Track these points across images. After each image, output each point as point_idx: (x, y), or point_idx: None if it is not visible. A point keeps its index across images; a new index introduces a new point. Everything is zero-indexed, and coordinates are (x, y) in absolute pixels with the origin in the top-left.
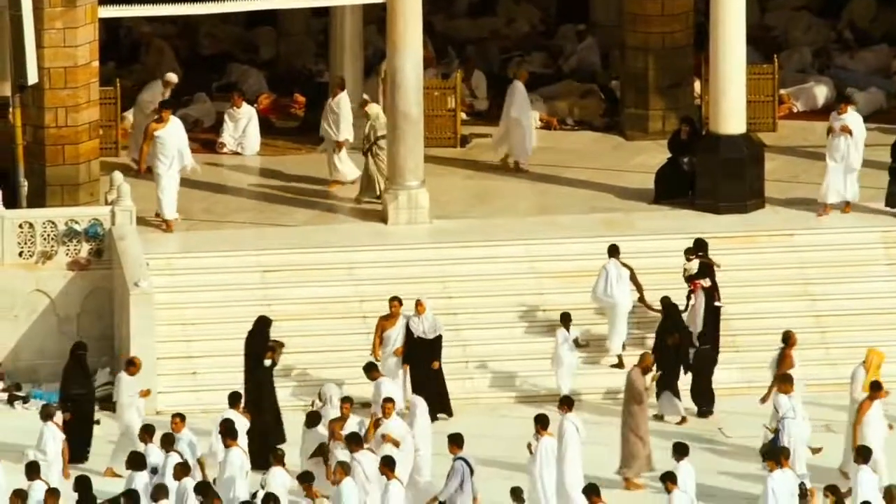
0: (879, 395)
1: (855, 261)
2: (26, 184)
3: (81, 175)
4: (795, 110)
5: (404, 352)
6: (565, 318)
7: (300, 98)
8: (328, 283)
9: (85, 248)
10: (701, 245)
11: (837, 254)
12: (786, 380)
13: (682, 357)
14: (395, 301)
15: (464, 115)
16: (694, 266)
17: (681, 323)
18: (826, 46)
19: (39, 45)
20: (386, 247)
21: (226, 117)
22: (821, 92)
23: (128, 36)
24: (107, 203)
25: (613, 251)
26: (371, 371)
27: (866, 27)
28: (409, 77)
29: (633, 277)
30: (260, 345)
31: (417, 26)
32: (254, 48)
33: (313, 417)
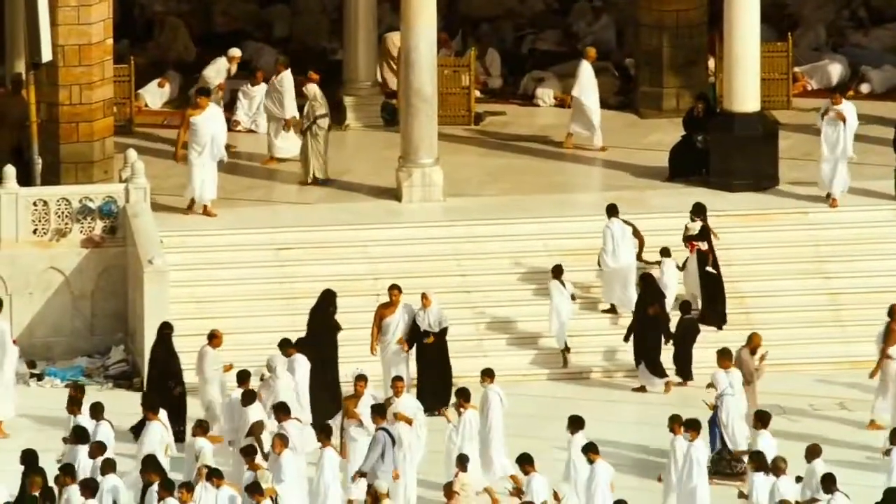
0: None
1: (869, 238)
2: (40, 161)
3: (96, 152)
4: (810, 88)
5: (410, 344)
6: (557, 270)
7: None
8: (342, 260)
9: (99, 226)
10: (701, 210)
11: (852, 231)
12: (724, 355)
13: (661, 327)
14: (394, 289)
15: (478, 93)
16: (696, 227)
17: (659, 294)
18: (840, 24)
19: (54, 23)
20: (400, 225)
21: (240, 95)
22: (835, 70)
23: (142, 14)
24: (121, 180)
25: (613, 210)
26: (286, 347)
27: (880, 5)
28: (424, 55)
29: (636, 233)
30: (322, 319)
31: (431, 4)
32: (268, 26)
33: (249, 396)
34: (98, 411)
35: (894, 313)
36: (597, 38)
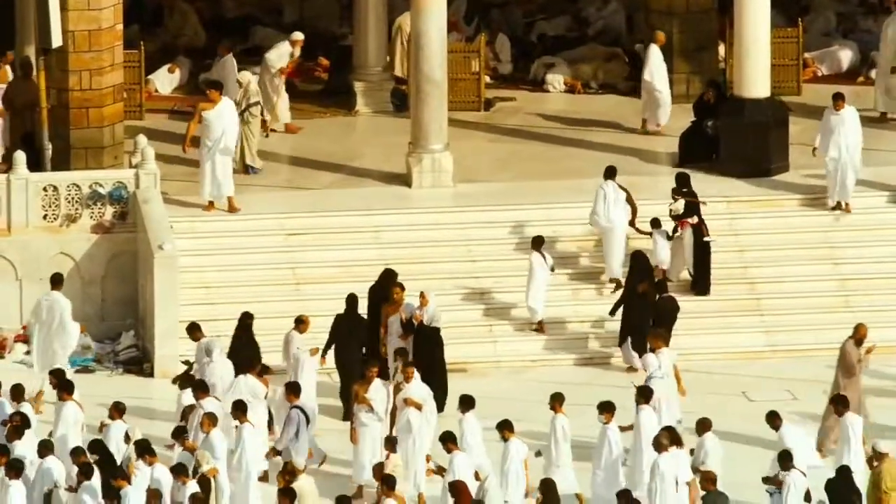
0: None
1: (879, 224)
2: (51, 147)
3: (106, 138)
4: (820, 74)
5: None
6: (538, 242)
7: (324, 61)
8: (352, 246)
9: (109, 211)
10: (684, 180)
11: (862, 217)
12: (656, 336)
13: (650, 305)
14: (397, 287)
15: (487, 79)
16: (680, 206)
17: (648, 272)
18: (851, 10)
19: (63, 8)
20: (410, 210)
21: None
22: (845, 55)
23: None
24: (131, 166)
25: (610, 173)
26: (193, 332)
27: None
28: (434, 40)
29: (630, 199)
30: (382, 298)
31: None
32: (278, 11)
33: (184, 380)
34: (19, 393)
35: None
36: (606, 24)
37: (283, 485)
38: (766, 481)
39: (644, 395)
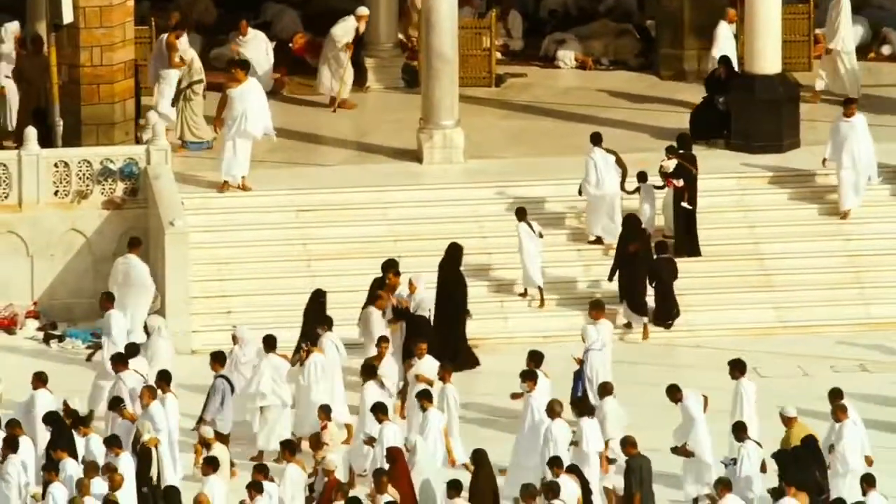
0: None
1: (889, 200)
2: (61, 123)
3: (116, 114)
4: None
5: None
6: (521, 213)
7: None
8: (362, 222)
9: (120, 188)
10: (684, 141)
11: (872, 193)
12: (595, 307)
13: (641, 265)
14: (391, 272)
15: (499, 55)
16: (670, 165)
17: (640, 233)
18: None
19: None
20: (420, 186)
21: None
22: (856, 31)
23: None
24: (142, 142)
25: (596, 139)
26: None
27: None
28: (444, 16)
29: (619, 161)
30: (451, 274)
31: None
32: None
33: (117, 358)
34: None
35: None
36: (617, 0)
37: (200, 454)
38: (674, 451)
39: (581, 408)
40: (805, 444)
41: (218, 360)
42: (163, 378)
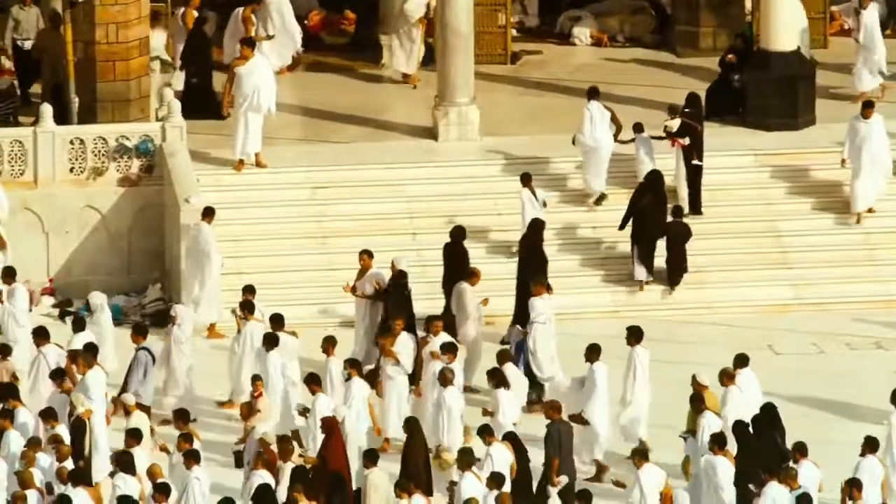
0: None
1: None
2: (77, 100)
3: (132, 91)
4: (847, 27)
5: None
6: (526, 178)
7: (350, 14)
8: (378, 199)
9: (136, 165)
10: (693, 101)
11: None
12: (538, 283)
13: (651, 219)
14: (364, 254)
15: (514, 32)
16: (674, 125)
17: (657, 190)
18: None
19: None
20: (436, 163)
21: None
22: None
23: None
24: (157, 119)
25: (594, 93)
26: (6, 277)
27: None
28: None
29: (615, 118)
30: (532, 247)
31: None
32: None
33: (38, 332)
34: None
35: None
36: None
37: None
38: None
39: (497, 379)
40: (764, 410)
41: (139, 332)
42: (89, 350)
